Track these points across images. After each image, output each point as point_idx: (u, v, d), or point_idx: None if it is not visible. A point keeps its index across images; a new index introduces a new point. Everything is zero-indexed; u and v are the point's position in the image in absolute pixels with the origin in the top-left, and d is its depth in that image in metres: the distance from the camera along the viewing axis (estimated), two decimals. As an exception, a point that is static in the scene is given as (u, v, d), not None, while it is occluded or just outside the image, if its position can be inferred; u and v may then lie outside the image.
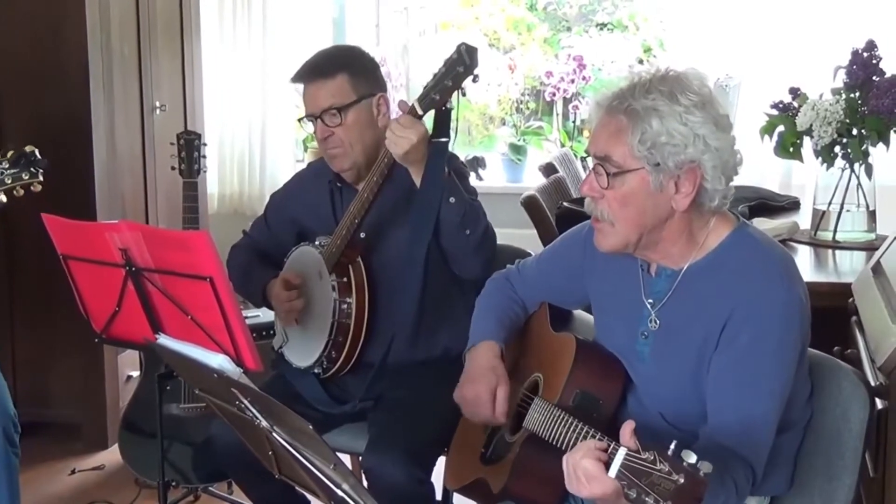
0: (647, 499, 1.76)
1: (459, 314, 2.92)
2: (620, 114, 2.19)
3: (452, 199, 2.96)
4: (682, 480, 1.73)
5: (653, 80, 2.21)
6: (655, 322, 2.31)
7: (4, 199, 2.95)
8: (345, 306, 3.12)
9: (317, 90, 3.17)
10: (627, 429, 1.84)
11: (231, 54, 5.86)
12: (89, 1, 4.55)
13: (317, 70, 3.19)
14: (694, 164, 2.16)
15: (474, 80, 2.84)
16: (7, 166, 2.91)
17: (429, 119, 2.92)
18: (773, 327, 2.17)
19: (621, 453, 1.80)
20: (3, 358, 3.44)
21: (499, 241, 3.24)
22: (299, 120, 3.26)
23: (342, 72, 3.16)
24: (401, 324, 3.15)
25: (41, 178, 2.91)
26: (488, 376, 2.49)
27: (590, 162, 2.27)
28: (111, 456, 4.63)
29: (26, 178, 2.92)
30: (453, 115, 2.91)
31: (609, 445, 1.85)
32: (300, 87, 3.23)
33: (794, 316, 2.19)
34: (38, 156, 2.94)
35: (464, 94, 2.88)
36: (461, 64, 2.83)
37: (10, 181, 2.91)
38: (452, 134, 2.92)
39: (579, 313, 2.68)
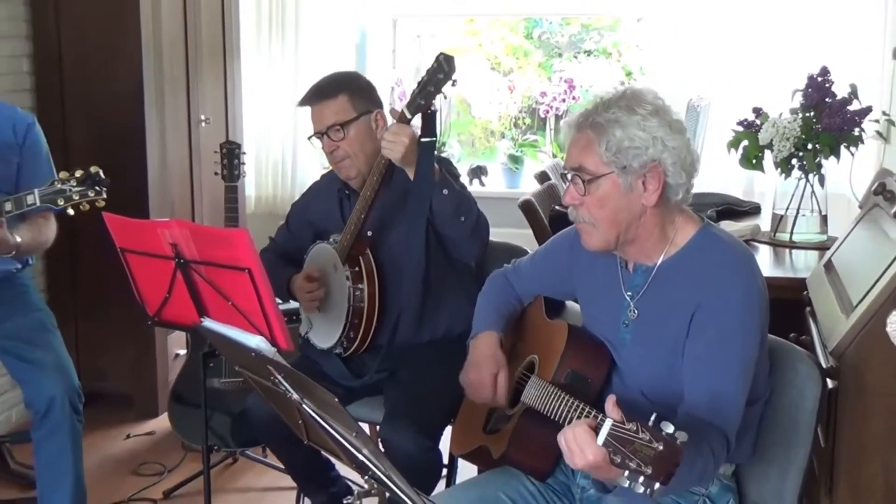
0: (630, 463, 1.76)
1: (459, 298, 2.93)
2: (587, 129, 2.22)
3: (445, 192, 2.98)
4: (661, 448, 1.73)
5: (612, 99, 2.24)
6: (634, 312, 2.31)
7: (72, 212, 2.96)
8: (358, 292, 3.14)
9: (322, 110, 3.19)
10: (611, 401, 1.85)
11: (267, 74, 5.86)
12: (144, 29, 4.56)
13: (320, 93, 3.21)
14: (656, 162, 2.19)
15: (453, 85, 2.88)
16: (76, 185, 2.91)
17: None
18: (736, 315, 2.17)
19: (608, 424, 1.79)
20: (68, 338, 3.44)
21: (498, 240, 3.25)
22: (309, 138, 3.26)
23: (342, 93, 3.18)
24: (407, 305, 3.16)
25: (105, 196, 2.91)
26: (489, 363, 2.50)
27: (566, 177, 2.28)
28: (161, 423, 4.66)
29: (92, 195, 2.92)
30: (438, 116, 2.94)
31: (598, 418, 1.85)
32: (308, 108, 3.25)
33: (755, 304, 2.20)
34: (102, 175, 2.93)
35: (445, 98, 2.93)
36: (441, 71, 2.87)
37: (77, 198, 2.91)
38: (439, 133, 2.94)
39: (571, 303, 2.67)
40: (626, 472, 1.77)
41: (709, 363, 2.15)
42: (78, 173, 2.93)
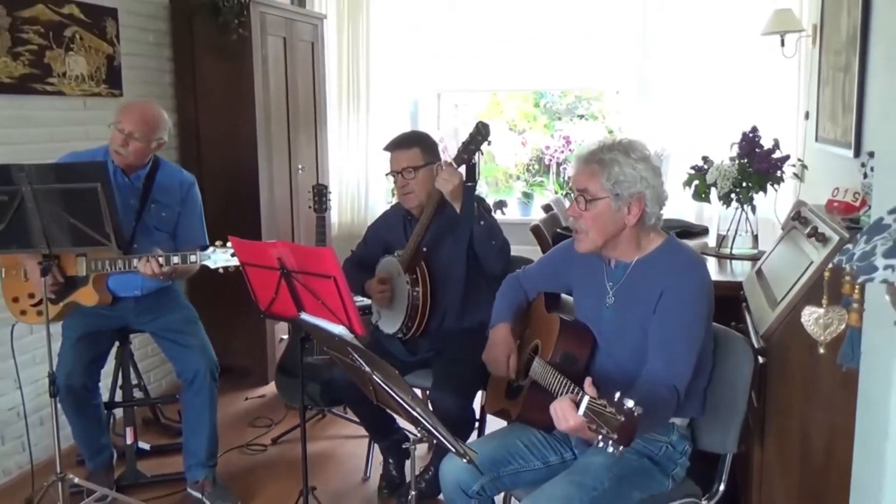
0: (601, 430, 1.77)
1: (490, 297, 2.93)
2: (594, 163, 2.24)
3: (482, 223, 3.01)
4: (622, 419, 1.74)
5: (614, 144, 2.27)
6: (613, 298, 2.32)
7: (221, 271, 3.03)
8: (415, 293, 3.15)
9: (400, 156, 3.21)
10: (588, 382, 1.88)
11: (346, 134, 5.88)
12: (257, 102, 4.61)
13: (401, 144, 3.24)
14: (640, 194, 2.21)
15: (488, 144, 2.95)
16: (220, 254, 2.99)
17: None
18: (690, 300, 2.20)
19: (586, 399, 1.81)
20: (206, 327, 3.47)
21: (513, 254, 3.25)
22: (386, 175, 3.29)
23: (416, 146, 3.20)
24: (450, 304, 3.19)
25: (238, 265, 2.92)
26: (503, 347, 2.52)
27: (572, 196, 2.30)
28: (270, 389, 4.69)
29: (234, 263, 2.97)
30: (477, 167, 2.97)
31: (579, 394, 1.86)
32: (388, 153, 3.27)
33: (704, 293, 2.23)
34: (229, 245, 2.97)
35: (482, 154, 2.97)
36: (480, 135, 2.93)
37: (222, 263, 2.99)
38: (477, 178, 2.99)
39: (565, 297, 2.67)
40: (600, 437, 1.77)
41: (668, 334, 2.17)
42: (217, 243, 3.01)
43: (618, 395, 1.75)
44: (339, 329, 2.24)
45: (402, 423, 2.98)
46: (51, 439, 2.97)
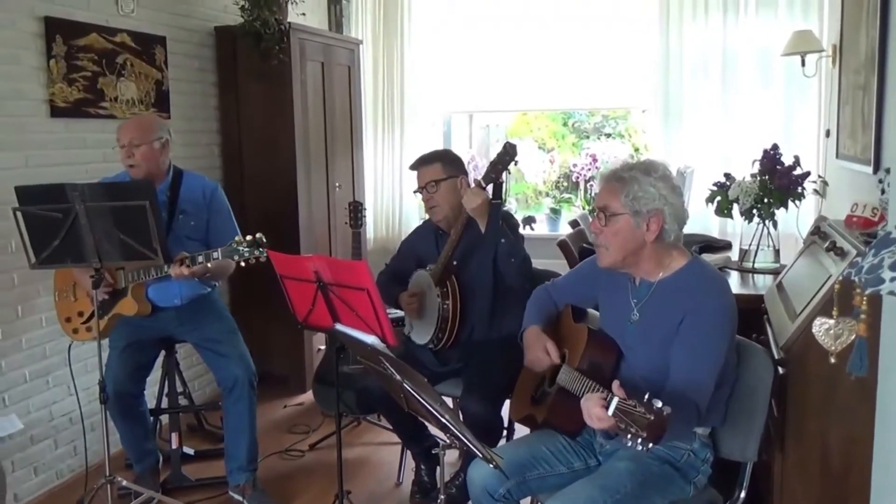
0: (630, 428, 1.77)
1: (517, 309, 2.94)
2: (615, 181, 2.25)
3: (503, 241, 3.02)
4: (652, 417, 1.74)
5: (635, 163, 2.28)
6: (637, 314, 2.31)
7: (243, 264, 2.98)
8: (445, 306, 3.17)
9: (423, 172, 3.25)
10: (616, 384, 1.88)
11: (381, 153, 5.94)
12: (296, 123, 4.68)
13: (423, 161, 3.29)
14: (659, 212, 2.20)
15: (515, 164, 2.98)
16: (246, 246, 2.93)
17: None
18: (712, 323, 2.18)
19: (615, 400, 1.81)
20: (245, 337, 3.50)
21: (541, 268, 3.27)
22: (414, 192, 3.34)
23: (437, 161, 3.25)
24: (479, 316, 3.20)
25: (265, 256, 2.92)
26: (538, 343, 2.50)
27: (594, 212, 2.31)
28: (307, 397, 4.73)
29: (256, 255, 2.93)
30: (504, 186, 3.00)
31: (608, 395, 1.87)
32: (414, 172, 3.31)
33: (727, 314, 2.21)
34: (265, 240, 2.95)
35: (509, 173, 3.00)
36: (507, 155, 2.95)
37: (246, 255, 2.93)
38: (504, 197, 3.01)
39: (591, 311, 2.68)
40: (629, 435, 1.78)
41: (689, 358, 2.15)
42: (248, 238, 2.94)
43: (647, 395, 1.77)
44: (372, 339, 2.25)
45: (433, 430, 3.00)
46: (101, 444, 3.03)
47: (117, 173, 3.42)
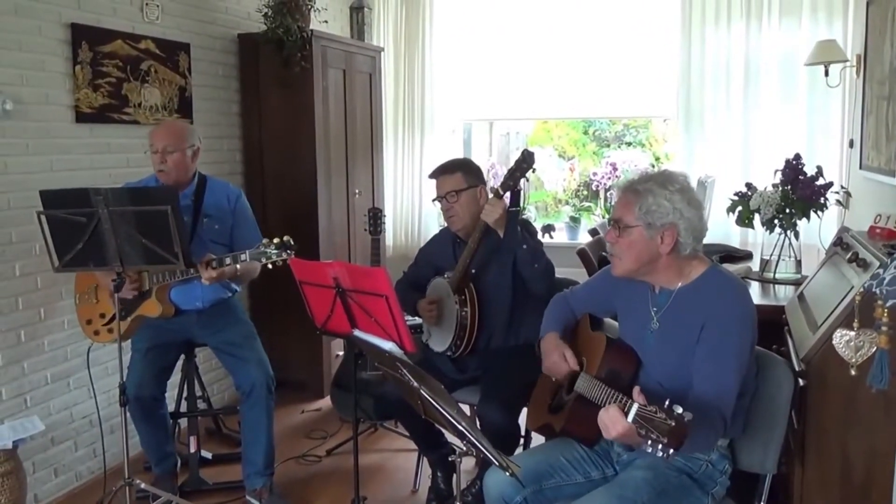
0: (651, 435, 1.76)
1: (535, 317, 2.94)
2: (630, 193, 2.24)
3: (525, 246, 3.02)
4: (673, 424, 1.73)
5: (652, 175, 2.26)
6: (657, 323, 2.30)
7: (271, 266, 2.99)
8: (464, 314, 3.16)
9: (443, 181, 3.25)
10: (636, 390, 1.86)
11: (401, 159, 5.95)
12: (317, 130, 4.70)
13: (444, 170, 3.28)
14: (673, 226, 2.19)
15: (533, 172, 2.98)
16: (274, 248, 2.94)
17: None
18: (733, 330, 2.16)
19: (635, 406, 1.80)
20: (264, 342, 3.52)
21: (560, 276, 3.25)
22: (433, 200, 3.32)
23: (458, 171, 3.24)
24: (497, 323, 3.20)
25: (293, 257, 2.92)
26: (556, 350, 2.49)
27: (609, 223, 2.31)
28: (325, 402, 4.74)
29: (283, 256, 2.94)
30: (522, 193, 3.00)
31: (627, 402, 1.86)
32: (433, 180, 3.31)
33: (747, 322, 2.19)
34: (292, 242, 2.95)
35: (527, 180, 2.99)
36: (525, 163, 2.94)
37: (274, 257, 2.94)
38: (522, 204, 3.01)
39: (608, 320, 2.67)
40: (650, 442, 1.76)
41: (713, 364, 2.13)
42: (276, 240, 2.95)
43: (668, 401, 1.76)
44: (390, 346, 2.26)
45: (450, 437, 3.00)
46: (120, 446, 3.05)
47: (141, 178, 3.45)
